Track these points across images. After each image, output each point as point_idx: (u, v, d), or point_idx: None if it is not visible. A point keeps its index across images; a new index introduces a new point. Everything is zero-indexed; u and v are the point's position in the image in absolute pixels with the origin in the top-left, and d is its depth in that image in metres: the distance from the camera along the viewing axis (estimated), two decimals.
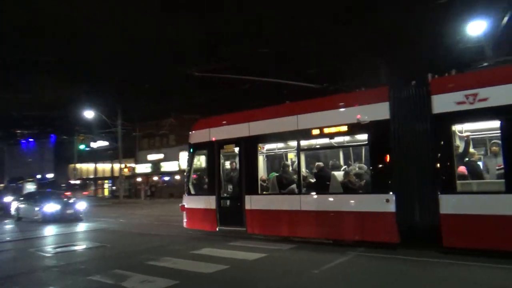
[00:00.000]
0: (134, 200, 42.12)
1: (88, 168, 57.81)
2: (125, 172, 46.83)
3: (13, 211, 21.01)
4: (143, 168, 49.63)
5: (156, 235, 12.79)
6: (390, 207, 8.14)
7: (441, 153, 7.76)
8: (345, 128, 9.02)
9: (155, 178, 48.88)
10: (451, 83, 7.86)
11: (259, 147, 10.64)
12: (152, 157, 48.81)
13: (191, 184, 12.10)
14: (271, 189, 10.43)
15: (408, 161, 8.06)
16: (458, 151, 8.05)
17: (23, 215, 20.03)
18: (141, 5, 58.52)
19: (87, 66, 58.86)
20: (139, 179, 49.04)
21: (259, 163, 10.59)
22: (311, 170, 10.58)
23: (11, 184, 41.89)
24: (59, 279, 7.34)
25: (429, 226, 7.73)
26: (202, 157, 12.25)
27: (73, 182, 46.68)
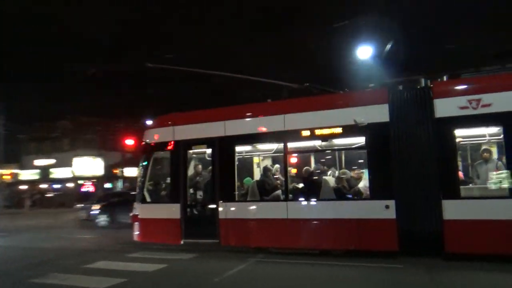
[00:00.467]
0: (15, 210, 36.17)
1: None
2: (5, 178, 40.43)
3: None
4: (29, 174, 43.26)
5: (43, 249, 11.19)
6: (390, 214, 7.80)
7: (443, 158, 7.70)
8: (339, 130, 8.50)
9: (44, 185, 42.95)
10: (454, 88, 7.92)
11: (236, 149, 9.52)
12: (40, 162, 42.88)
13: (146, 190, 10.34)
14: (251, 195, 9.35)
15: (409, 165, 7.84)
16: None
17: None
18: None
19: None
20: (23, 187, 42.48)
21: (236, 167, 9.45)
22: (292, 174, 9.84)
23: None
24: None
25: (432, 232, 7.57)
26: (163, 159, 10.61)
27: None
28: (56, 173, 42.22)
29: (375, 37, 16.13)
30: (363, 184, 8.79)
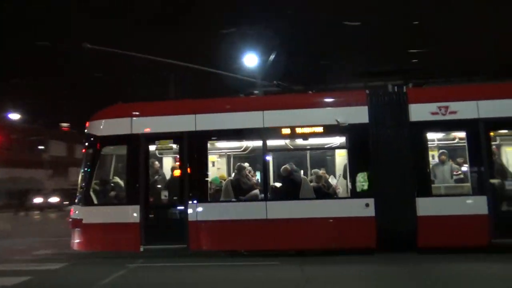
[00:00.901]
0: None
1: None
2: None
3: None
4: None
5: None
6: (370, 212, 8.00)
7: (417, 159, 8.19)
8: (320, 129, 8.43)
9: None
10: (426, 95, 8.50)
11: (208, 145, 8.73)
12: None
13: (92, 191, 8.82)
14: (224, 195, 8.64)
15: (387, 165, 8.15)
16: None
17: None
18: None
19: None
20: None
21: (208, 164, 8.66)
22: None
23: None
24: None
25: (407, 228, 7.96)
26: (116, 154, 9.19)
27: None
28: None
29: (260, 46, 16.88)
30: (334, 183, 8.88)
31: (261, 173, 8.87)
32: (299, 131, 8.43)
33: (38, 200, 33.87)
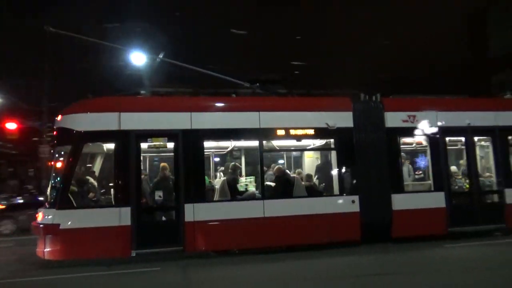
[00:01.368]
0: None
1: None
2: None
3: None
4: None
5: None
6: (355, 208, 8.71)
7: (392, 160, 9.19)
8: (311, 131, 8.87)
9: None
10: (398, 104, 9.57)
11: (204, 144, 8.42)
12: None
13: (71, 192, 7.76)
14: (220, 195, 8.43)
15: (368, 165, 8.97)
16: None
17: None
18: None
19: None
20: None
21: (205, 164, 8.36)
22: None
23: None
24: None
25: (385, 221, 8.89)
26: (101, 152, 8.18)
27: None
28: None
29: (149, 45, 17.14)
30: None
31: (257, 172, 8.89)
32: (293, 132, 8.75)
33: None
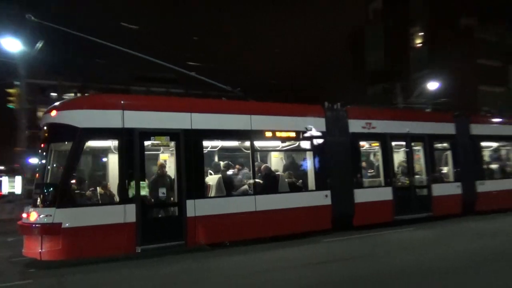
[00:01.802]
0: None
1: None
2: None
3: None
4: None
5: None
6: (328, 201, 9.98)
7: (353, 160, 10.69)
8: (293, 134, 9.86)
9: None
10: (358, 113, 11.09)
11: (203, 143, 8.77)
12: None
13: (73, 190, 7.49)
14: (217, 191, 8.86)
15: (337, 164, 10.31)
16: None
17: None
18: None
19: None
20: None
21: (205, 162, 8.72)
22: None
23: None
24: None
25: (349, 212, 10.33)
26: (103, 149, 7.92)
27: None
28: None
29: (26, 32, 16.38)
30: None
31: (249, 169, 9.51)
32: (278, 134, 9.65)
33: None
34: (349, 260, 7.64)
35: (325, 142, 10.20)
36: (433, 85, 24.02)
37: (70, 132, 7.64)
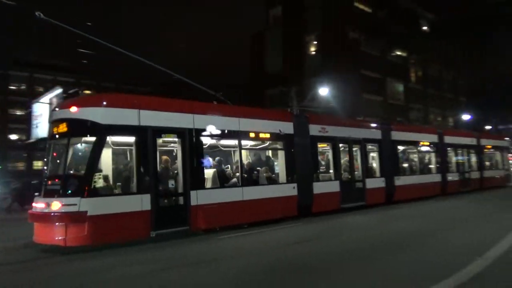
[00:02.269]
0: None
1: None
2: None
3: None
4: None
5: None
6: (295, 192, 11.84)
7: (312, 157, 12.73)
8: (267, 135, 11.51)
9: None
10: (316, 119, 13.15)
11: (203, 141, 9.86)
12: None
13: (96, 181, 8.04)
14: (212, 183, 10.02)
15: (301, 161, 12.23)
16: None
17: None
18: None
19: None
20: None
21: (204, 157, 9.80)
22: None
23: None
24: None
25: (309, 201, 12.33)
26: (123, 144, 8.50)
27: None
28: None
29: None
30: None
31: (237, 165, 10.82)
32: (261, 135, 11.26)
33: None
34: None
35: (293, 142, 12.07)
36: (324, 91, 25.09)
37: (92, 127, 8.20)
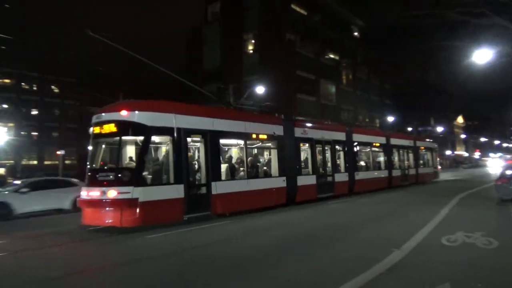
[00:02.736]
0: None
1: None
2: None
3: None
4: None
5: None
6: (284, 184, 14.09)
7: (297, 155, 15.05)
8: (264, 136, 13.62)
9: None
10: (299, 124, 15.49)
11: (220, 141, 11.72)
12: None
13: (145, 173, 9.59)
14: (226, 176, 11.88)
15: (288, 158, 14.50)
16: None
17: None
18: None
19: None
20: None
21: (220, 154, 11.64)
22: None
23: None
24: None
25: (294, 192, 14.65)
26: (162, 143, 10.04)
27: None
28: None
29: None
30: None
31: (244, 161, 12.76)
32: (260, 136, 13.32)
33: None
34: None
35: (283, 142, 14.29)
36: (260, 89, 25.58)
37: (141, 129, 9.75)
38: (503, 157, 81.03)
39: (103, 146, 10.32)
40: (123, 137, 9.87)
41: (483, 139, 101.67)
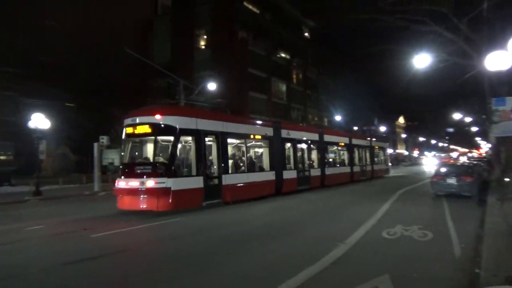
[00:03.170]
0: None
1: None
2: None
3: None
4: None
5: None
6: (273, 177, 16.54)
7: (283, 152, 17.49)
8: (259, 136, 15.97)
9: None
10: (285, 126, 17.97)
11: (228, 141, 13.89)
12: None
13: (176, 166, 11.63)
14: (231, 169, 14.07)
15: (277, 155, 16.91)
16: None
17: None
18: None
19: None
20: None
21: (228, 151, 13.84)
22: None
23: None
24: None
25: (281, 184, 17.12)
26: (187, 142, 12.23)
27: None
28: None
29: None
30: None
31: (245, 158, 14.97)
32: (256, 137, 15.66)
33: None
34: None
35: (273, 142, 16.70)
36: (212, 86, 24.99)
37: (173, 130, 11.65)
38: (437, 156, 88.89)
39: (137, 144, 12.17)
40: (157, 137, 11.72)
41: (421, 139, 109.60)
